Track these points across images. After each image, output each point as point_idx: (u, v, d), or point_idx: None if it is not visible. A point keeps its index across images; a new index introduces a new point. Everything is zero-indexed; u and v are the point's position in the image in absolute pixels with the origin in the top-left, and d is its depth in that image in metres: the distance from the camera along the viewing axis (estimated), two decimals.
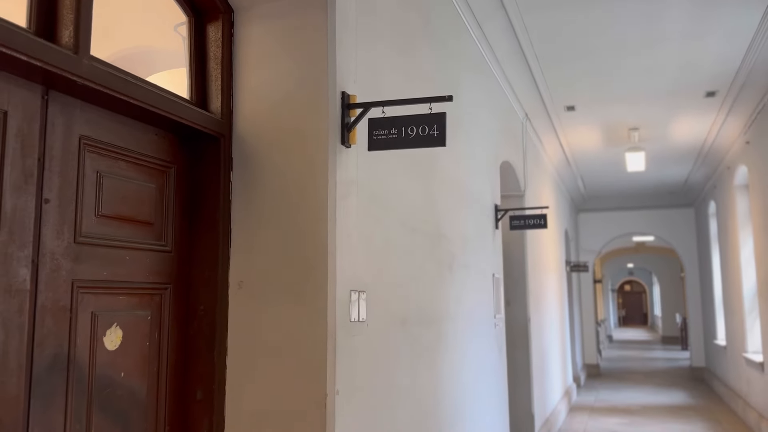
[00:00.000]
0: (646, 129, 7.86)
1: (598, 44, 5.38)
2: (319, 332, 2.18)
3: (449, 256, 3.67)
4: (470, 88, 4.42)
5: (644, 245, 19.49)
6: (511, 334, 6.21)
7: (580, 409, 9.23)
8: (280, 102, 2.32)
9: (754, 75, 5.91)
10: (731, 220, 8.71)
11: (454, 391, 3.65)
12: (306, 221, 2.23)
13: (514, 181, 6.36)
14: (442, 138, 2.22)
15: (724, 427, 7.90)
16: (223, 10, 2.39)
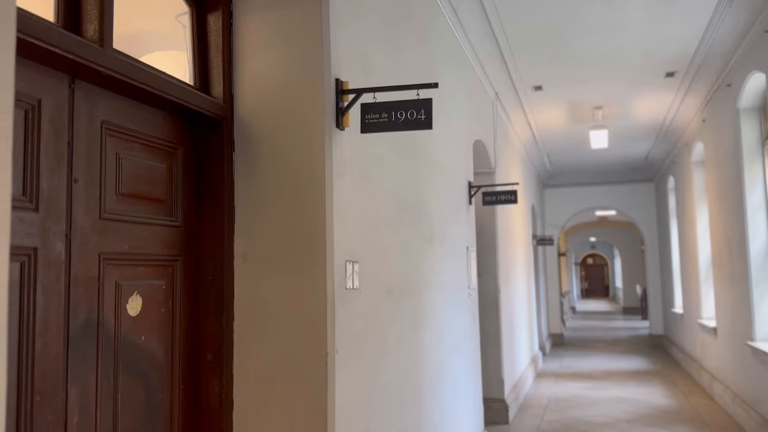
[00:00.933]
0: (610, 108, 8.20)
1: (565, 28, 5.64)
2: (319, 298, 2.40)
3: (429, 231, 3.92)
4: (446, 71, 4.63)
5: (606, 219, 20.15)
6: (482, 303, 6.54)
7: (545, 375, 9.71)
8: (278, 88, 2.50)
9: (709, 57, 6.26)
10: (688, 194, 9.18)
11: (434, 354, 3.93)
12: (305, 198, 2.44)
13: (486, 158, 6.63)
14: (429, 121, 2.44)
15: (680, 389, 8.44)
16: (222, 1, 2.55)
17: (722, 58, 6.16)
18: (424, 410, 3.64)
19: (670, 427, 6.35)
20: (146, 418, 2.17)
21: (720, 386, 7.38)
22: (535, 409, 7.32)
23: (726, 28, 5.54)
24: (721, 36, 5.74)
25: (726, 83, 6.37)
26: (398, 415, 3.20)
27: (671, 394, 8.05)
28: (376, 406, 2.89)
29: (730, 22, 5.43)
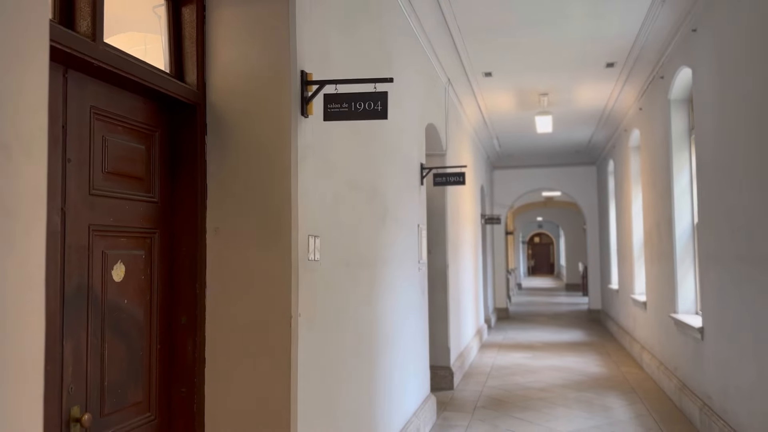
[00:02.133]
0: (555, 94, 8.66)
1: (513, 19, 6.00)
2: (284, 268, 2.70)
3: (383, 209, 4.25)
4: (402, 59, 4.92)
5: (552, 200, 20.93)
6: (432, 278, 6.93)
7: (490, 346, 10.27)
8: (247, 77, 2.76)
9: (645, 50, 6.73)
10: (625, 177, 9.78)
11: (386, 322, 4.28)
12: (272, 178, 2.72)
13: (437, 141, 6.97)
14: (385, 112, 2.74)
15: (612, 358, 9.11)
16: None
17: (656, 52, 6.64)
18: (376, 372, 3.99)
19: (599, 391, 6.94)
20: (128, 372, 2.43)
21: (648, 355, 8.03)
22: (478, 376, 7.82)
23: (659, 24, 6.00)
24: (655, 32, 6.20)
25: (660, 76, 6.87)
26: (353, 374, 3.54)
27: (604, 363, 8.70)
28: (333, 365, 3.22)
29: (663, 20, 5.88)
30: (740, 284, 4.39)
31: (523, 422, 5.67)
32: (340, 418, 3.30)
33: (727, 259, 4.67)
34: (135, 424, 2.46)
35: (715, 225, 5.00)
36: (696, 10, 5.24)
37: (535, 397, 6.67)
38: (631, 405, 6.32)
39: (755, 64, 3.97)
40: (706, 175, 5.21)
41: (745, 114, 4.23)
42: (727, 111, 4.60)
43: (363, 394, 3.72)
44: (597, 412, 6.04)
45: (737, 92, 4.37)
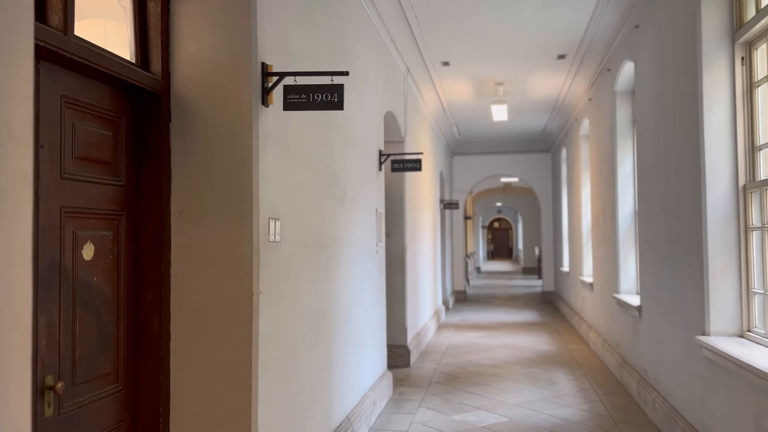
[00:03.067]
0: (510, 84, 8.96)
1: (468, 10, 6.23)
2: (245, 248, 2.89)
3: (341, 193, 4.46)
4: (360, 47, 5.11)
5: (511, 186, 21.45)
6: (390, 260, 7.19)
7: (447, 327, 10.63)
8: (211, 68, 2.92)
9: (594, 43, 7.06)
10: (576, 164, 10.20)
11: (344, 301, 4.51)
12: (234, 164, 2.90)
13: (396, 128, 7.19)
14: (341, 103, 2.95)
15: (561, 337, 9.57)
16: None
17: (604, 45, 6.98)
18: (333, 348, 4.22)
19: (547, 367, 7.33)
20: (98, 345, 2.60)
21: (594, 333, 8.48)
22: (434, 354, 8.15)
23: (606, 19, 6.32)
24: (602, 26, 6.52)
25: (607, 68, 7.22)
26: (311, 350, 3.76)
27: (553, 341, 9.14)
28: (292, 340, 3.44)
29: (610, 15, 6.20)
30: (671, 265, 4.76)
31: (474, 396, 6.00)
32: (298, 389, 3.53)
33: (661, 242, 5.05)
34: (104, 393, 2.63)
35: (651, 211, 5.37)
36: (639, 6, 5.56)
37: (487, 373, 7.02)
38: (576, 379, 6.73)
39: (687, 61, 4.29)
40: (645, 164, 5.58)
41: (676, 107, 4.57)
42: (663, 104, 4.94)
43: (321, 368, 3.95)
44: (544, 386, 6.42)
45: (671, 86, 4.71)
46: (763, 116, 3.74)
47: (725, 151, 3.91)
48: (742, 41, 3.86)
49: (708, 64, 3.96)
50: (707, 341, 3.80)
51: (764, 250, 3.67)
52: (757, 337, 3.68)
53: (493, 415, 5.35)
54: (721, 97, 3.94)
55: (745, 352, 3.43)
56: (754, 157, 3.81)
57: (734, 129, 3.89)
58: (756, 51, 3.79)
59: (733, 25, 3.93)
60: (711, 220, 3.92)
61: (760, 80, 3.74)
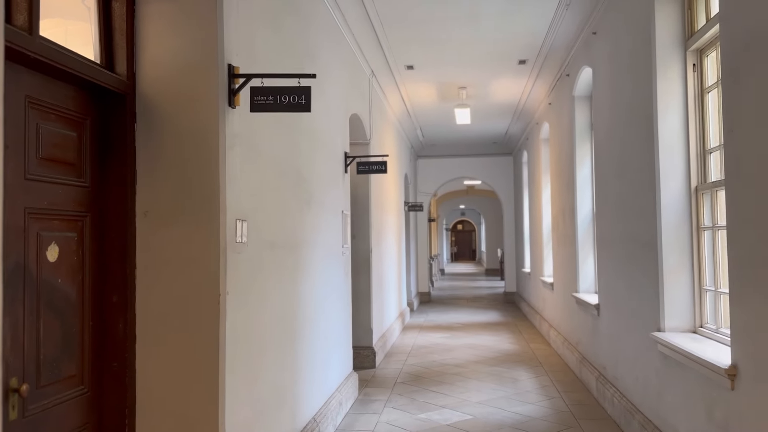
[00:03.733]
0: (473, 88, 9.11)
1: (431, 16, 6.33)
2: (212, 250, 2.90)
3: (307, 195, 4.49)
4: (325, 50, 5.15)
5: (474, 188, 21.72)
6: (355, 262, 7.23)
7: (412, 328, 10.72)
8: (177, 69, 2.92)
9: (553, 50, 7.25)
10: (537, 167, 10.42)
11: (310, 302, 4.53)
12: (201, 165, 2.90)
13: (362, 130, 7.24)
14: (308, 106, 2.98)
15: (523, 336, 9.75)
16: None
17: (563, 51, 7.17)
18: (300, 349, 4.24)
19: (509, 366, 7.48)
20: (62, 348, 2.58)
21: (555, 332, 8.68)
22: (399, 355, 8.22)
23: (565, 26, 6.50)
24: (561, 32, 6.70)
25: (566, 74, 7.42)
26: (278, 351, 3.78)
27: (516, 341, 9.31)
28: (259, 341, 3.45)
29: (568, 22, 6.38)
30: (627, 264, 4.93)
31: (438, 395, 6.09)
32: (264, 390, 3.54)
33: (618, 242, 5.22)
34: (69, 396, 2.60)
35: (608, 212, 5.55)
36: (596, 14, 5.74)
37: (451, 372, 7.12)
38: (538, 377, 6.88)
39: (642, 67, 4.46)
40: (602, 167, 5.76)
41: (631, 111, 4.74)
42: (619, 108, 5.12)
43: (287, 369, 3.97)
44: (506, 384, 6.55)
45: (626, 91, 4.88)
46: (713, 121, 3.92)
47: (678, 154, 4.08)
48: (693, 48, 4.03)
49: (661, 71, 4.13)
50: (662, 337, 3.95)
51: (715, 249, 3.84)
52: (709, 332, 3.85)
53: (457, 413, 5.44)
54: (674, 102, 4.11)
55: (697, 347, 3.58)
56: (706, 160, 3.98)
57: (686, 133, 4.07)
58: (706, 58, 3.97)
59: (685, 33, 4.11)
60: (665, 220, 4.08)
61: (711, 86, 3.92)
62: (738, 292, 2.99)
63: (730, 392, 3.07)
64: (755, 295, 2.80)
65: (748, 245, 2.86)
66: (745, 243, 2.90)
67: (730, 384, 3.04)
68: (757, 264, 2.78)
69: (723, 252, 3.69)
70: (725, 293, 3.62)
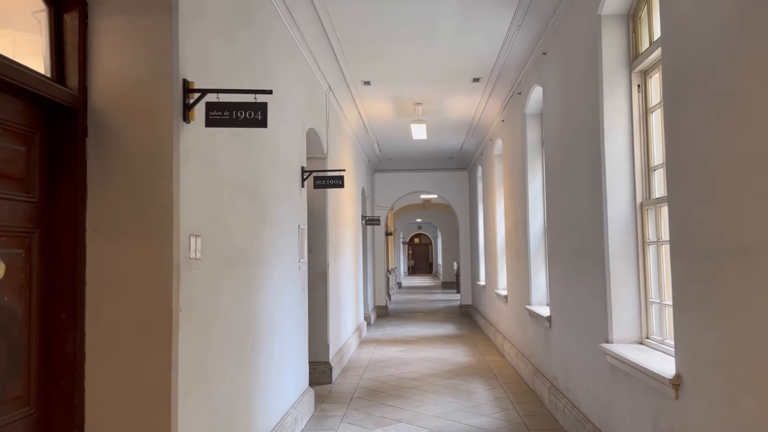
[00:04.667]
0: (428, 104, 9.25)
1: (388, 34, 6.42)
2: (165, 266, 2.86)
3: (264, 210, 4.47)
4: (282, 65, 5.16)
5: (430, 202, 21.93)
6: (312, 276, 7.20)
7: (369, 342, 10.71)
8: (130, 84, 2.89)
9: (506, 68, 7.43)
10: (491, 182, 10.61)
11: (266, 318, 4.50)
12: (154, 180, 2.87)
13: (319, 145, 7.26)
14: (264, 121, 2.99)
15: (478, 349, 9.87)
16: (78, 3, 2.86)
17: (515, 70, 7.36)
18: (255, 365, 4.20)
19: (465, 378, 7.55)
20: (7, 367, 2.50)
21: (509, 344, 8.81)
22: (356, 369, 8.20)
23: (517, 46, 6.68)
24: (514, 52, 6.88)
25: (518, 92, 7.61)
26: (233, 368, 3.73)
27: (471, 353, 9.42)
28: (213, 359, 3.41)
29: (520, 42, 6.56)
30: (577, 277, 5.08)
31: (395, 409, 6.10)
32: (219, 408, 3.49)
33: (568, 255, 5.37)
34: (14, 417, 2.52)
35: (558, 226, 5.70)
36: (547, 35, 5.93)
37: (407, 386, 7.14)
38: (492, 389, 6.97)
39: (589, 87, 4.63)
40: (553, 182, 5.92)
41: (580, 129, 4.90)
42: (568, 126, 5.29)
43: (242, 386, 3.92)
44: (461, 396, 6.61)
45: (575, 110, 5.05)
46: (657, 139, 4.09)
47: (624, 171, 4.24)
48: (638, 70, 4.21)
49: (608, 91, 4.30)
50: (610, 348, 4.08)
51: (660, 263, 3.99)
52: (655, 344, 3.99)
53: (414, 427, 5.47)
54: (620, 121, 4.27)
55: (643, 358, 3.71)
56: (650, 177, 4.15)
57: (632, 151, 4.23)
58: (650, 79, 4.15)
59: (630, 55, 4.29)
60: (612, 235, 4.22)
61: (654, 106, 4.09)
62: (681, 304, 3.12)
63: (674, 401, 3.19)
64: (696, 306, 2.93)
65: (690, 259, 3.00)
66: (686, 257, 3.04)
67: (674, 393, 3.16)
68: (698, 277, 2.91)
69: (667, 265, 3.84)
70: (669, 305, 3.76)
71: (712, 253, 2.75)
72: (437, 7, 5.84)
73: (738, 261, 2.52)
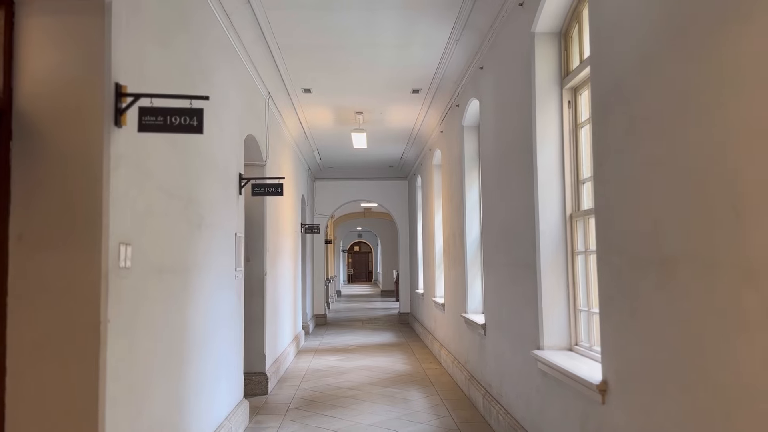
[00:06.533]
0: (369, 113, 9.31)
1: (329, 43, 6.44)
2: (92, 275, 2.76)
3: (198, 217, 4.38)
4: (220, 70, 5.09)
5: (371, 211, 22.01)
6: (249, 285, 7.10)
7: (307, 351, 10.63)
8: (59, 86, 2.79)
9: (444, 81, 7.58)
10: (430, 192, 10.77)
11: (199, 328, 4.40)
12: (82, 187, 2.78)
13: (257, 152, 7.18)
14: (200, 127, 2.94)
15: (416, 357, 9.95)
16: (4, 2, 2.75)
17: (453, 83, 7.51)
18: (186, 377, 4.10)
19: (402, 386, 7.60)
20: None
21: (445, 352, 8.93)
22: (293, 380, 8.12)
23: (455, 59, 6.83)
24: (452, 65, 7.03)
25: (456, 104, 7.77)
26: (163, 381, 3.63)
27: (408, 361, 9.49)
28: (143, 371, 3.31)
29: (458, 56, 6.71)
30: (510, 286, 5.21)
31: (332, 419, 6.07)
32: (149, 423, 3.39)
33: (501, 265, 5.50)
34: None
35: (493, 236, 5.84)
36: (483, 50, 6.09)
37: (344, 395, 7.12)
38: (429, 396, 7.04)
39: (522, 102, 4.79)
40: (488, 193, 6.07)
41: (513, 143, 5.06)
42: (502, 139, 5.44)
43: (172, 399, 3.82)
44: (399, 404, 6.65)
45: (508, 124, 5.21)
46: (586, 154, 4.27)
47: (555, 183, 4.40)
48: (569, 87, 4.39)
49: (540, 106, 4.45)
50: (541, 355, 4.21)
51: (587, 272, 4.15)
52: (583, 350, 4.14)
53: None
54: (551, 136, 4.43)
55: (572, 364, 3.85)
56: (579, 190, 4.32)
57: (562, 164, 4.40)
58: (580, 96, 4.33)
59: (561, 72, 4.46)
60: (543, 245, 4.37)
61: (583, 122, 4.27)
62: (606, 311, 3.26)
63: (601, 406, 3.32)
64: (620, 314, 3.07)
65: (615, 268, 3.14)
66: (611, 266, 3.18)
67: (601, 398, 3.29)
68: (622, 286, 3.05)
69: (594, 275, 4.00)
70: (596, 313, 3.92)
71: (635, 263, 2.89)
72: (378, 18, 5.90)
73: (659, 271, 2.66)
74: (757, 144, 1.99)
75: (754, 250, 2.01)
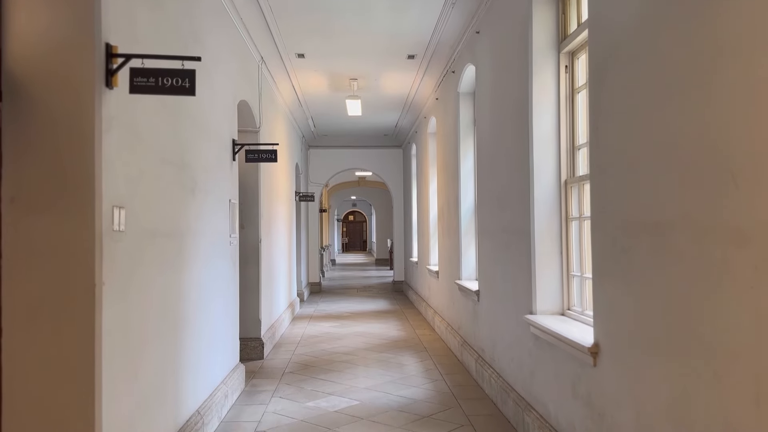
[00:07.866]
0: (364, 80, 9.21)
1: (322, 5, 6.33)
2: (86, 238, 2.75)
3: (192, 182, 4.36)
4: (212, 33, 5.00)
5: (365, 180, 21.96)
6: (244, 252, 7.11)
7: (302, 318, 10.71)
8: (49, 47, 2.73)
9: (440, 46, 7.49)
10: (425, 160, 10.73)
11: (195, 293, 4.42)
12: (74, 149, 2.75)
13: (251, 118, 7.11)
14: (193, 89, 2.90)
15: (410, 323, 10.05)
16: None
17: (449, 48, 7.42)
18: (182, 341, 4.13)
19: (396, 352, 7.69)
20: None
21: (439, 318, 9.02)
22: (288, 345, 8.19)
23: (451, 24, 6.73)
24: (448, 30, 6.93)
25: (452, 70, 7.69)
26: (160, 343, 3.66)
27: (402, 328, 9.58)
28: (140, 334, 3.33)
29: (454, 20, 6.62)
30: (504, 252, 5.24)
31: (327, 382, 6.15)
32: (146, 385, 3.42)
33: (496, 231, 5.52)
34: None
35: (488, 203, 5.85)
36: (480, 14, 6.00)
37: (339, 360, 7.21)
38: (422, 361, 7.13)
39: (519, 66, 4.74)
40: (483, 161, 6.05)
41: (509, 109, 5.02)
42: (498, 105, 5.40)
43: (169, 361, 3.85)
44: (393, 369, 6.74)
45: (505, 90, 5.16)
46: (582, 119, 4.25)
47: (550, 149, 4.38)
48: (566, 51, 4.34)
49: (537, 71, 4.41)
50: (534, 319, 4.25)
51: (581, 238, 4.17)
52: (575, 314, 4.19)
53: (345, 399, 5.54)
54: (547, 101, 4.40)
55: (564, 328, 3.89)
56: (575, 156, 4.31)
57: (558, 130, 4.38)
58: (577, 60, 4.29)
59: (559, 36, 4.41)
60: (537, 211, 4.37)
61: (580, 87, 4.24)
62: (599, 276, 3.28)
63: (592, 369, 3.37)
64: (613, 279, 3.10)
65: (609, 234, 3.15)
66: (605, 232, 3.19)
67: (592, 361, 3.34)
68: (615, 251, 3.06)
69: (588, 240, 4.02)
70: (589, 278, 3.95)
71: (629, 228, 2.90)
72: None
73: (652, 235, 2.67)
74: (755, 108, 1.98)
75: (748, 214, 2.01)
